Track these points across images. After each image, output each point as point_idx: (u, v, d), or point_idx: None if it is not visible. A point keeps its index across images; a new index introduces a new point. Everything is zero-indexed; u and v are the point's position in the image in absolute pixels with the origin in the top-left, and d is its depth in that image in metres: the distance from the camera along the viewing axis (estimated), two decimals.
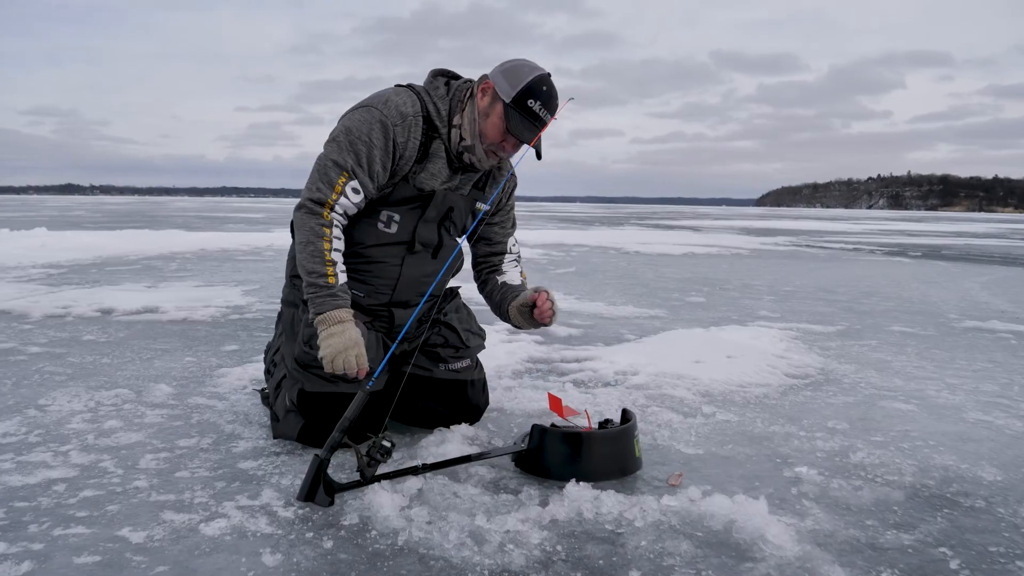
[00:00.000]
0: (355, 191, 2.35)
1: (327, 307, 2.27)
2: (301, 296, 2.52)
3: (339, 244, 2.35)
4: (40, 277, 7.03)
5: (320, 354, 2.25)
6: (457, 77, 2.54)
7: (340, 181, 2.33)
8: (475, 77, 2.51)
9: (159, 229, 15.84)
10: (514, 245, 2.83)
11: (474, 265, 2.86)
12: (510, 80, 2.36)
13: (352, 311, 2.31)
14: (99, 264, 8.43)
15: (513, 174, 2.73)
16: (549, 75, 2.41)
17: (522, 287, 2.74)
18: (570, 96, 2.45)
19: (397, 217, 2.47)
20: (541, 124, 2.38)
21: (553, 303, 2.58)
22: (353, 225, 2.47)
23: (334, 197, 2.33)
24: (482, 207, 2.64)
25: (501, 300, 2.73)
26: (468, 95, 2.46)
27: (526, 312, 2.63)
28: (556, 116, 2.40)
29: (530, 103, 2.34)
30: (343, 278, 2.33)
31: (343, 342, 2.24)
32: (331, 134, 2.40)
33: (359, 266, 2.51)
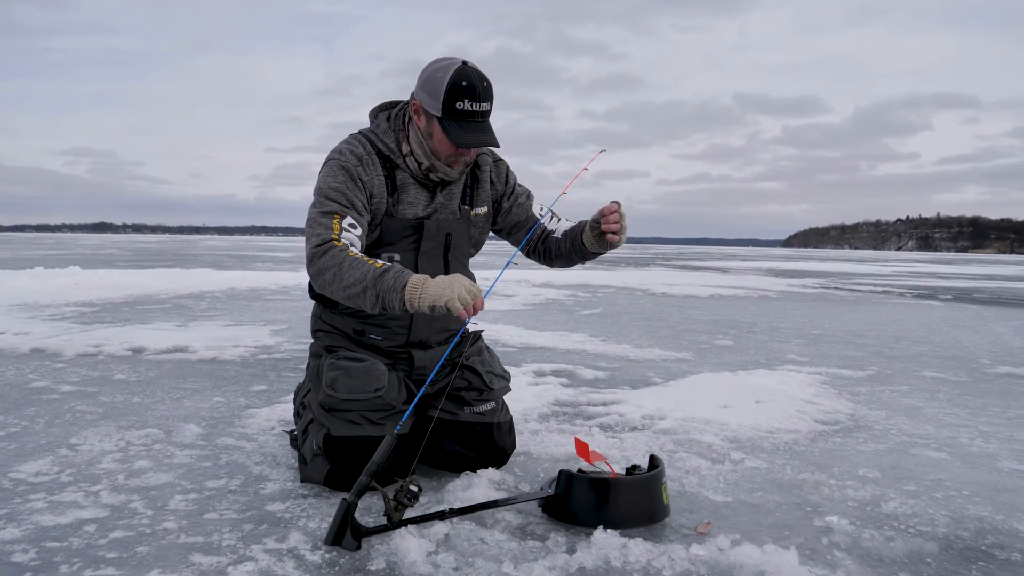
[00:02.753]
0: (352, 226, 2.34)
1: (402, 279, 2.12)
2: (324, 346, 2.59)
3: (360, 255, 2.28)
4: (73, 315, 7.16)
5: (438, 302, 2.08)
6: (395, 104, 2.57)
7: (335, 222, 2.32)
8: (409, 96, 2.49)
9: (189, 268, 16.08)
10: (541, 209, 2.78)
11: (530, 254, 2.82)
12: (430, 92, 2.33)
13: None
14: (130, 303, 8.57)
15: (496, 162, 2.71)
16: (464, 63, 2.33)
17: (581, 223, 2.67)
18: (602, 148, 2.49)
19: (396, 256, 2.49)
20: (480, 116, 2.33)
21: (622, 215, 2.50)
22: None
23: (334, 235, 2.29)
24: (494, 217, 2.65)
25: (572, 241, 2.67)
26: (407, 120, 2.47)
27: (597, 229, 2.56)
28: (491, 101, 2.34)
29: (459, 105, 2.29)
30: (387, 261, 2.34)
31: (441, 282, 2.10)
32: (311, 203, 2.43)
33: (368, 316, 2.54)
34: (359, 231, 2.35)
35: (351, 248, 2.27)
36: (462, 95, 2.29)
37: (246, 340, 5.74)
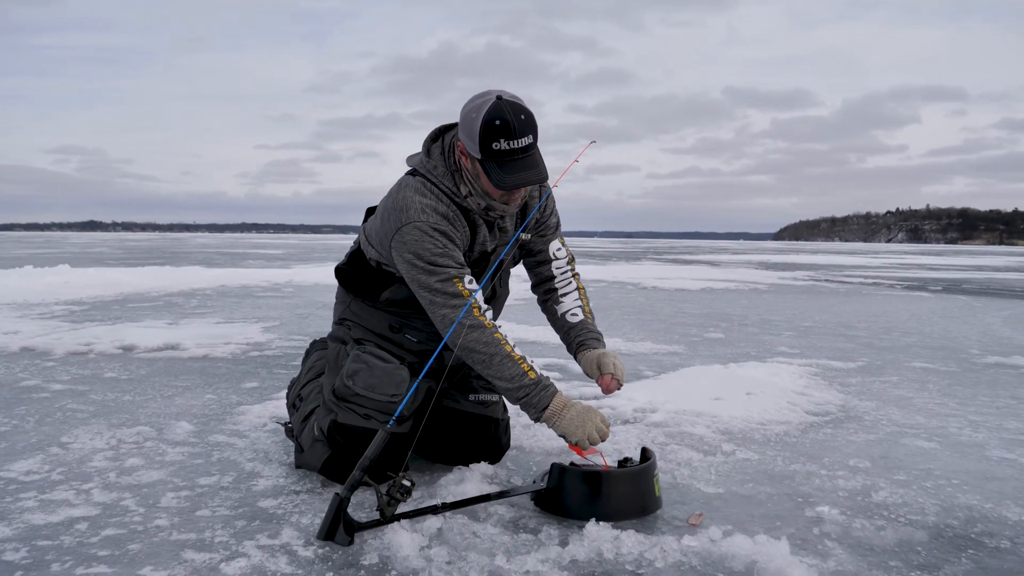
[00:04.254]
0: (471, 282, 2.34)
1: (545, 400, 2.27)
2: (353, 336, 2.59)
3: (511, 337, 2.34)
4: (63, 314, 7.12)
5: (570, 438, 2.25)
6: (447, 129, 2.48)
7: (459, 287, 2.30)
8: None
9: (180, 265, 16.02)
10: (559, 250, 2.69)
11: (533, 288, 2.79)
12: (468, 134, 2.27)
13: (567, 397, 2.30)
14: (121, 301, 8.53)
15: (549, 195, 2.65)
16: (498, 98, 2.23)
17: (584, 326, 2.61)
18: (592, 139, 2.47)
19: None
20: (521, 152, 2.23)
21: (621, 383, 2.46)
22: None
23: (468, 295, 2.29)
24: (524, 237, 2.57)
25: (569, 344, 2.64)
26: (458, 159, 2.40)
27: (594, 373, 2.52)
28: (533, 133, 2.24)
29: (496, 146, 2.21)
30: (537, 366, 2.33)
31: (577, 416, 2.24)
32: (405, 261, 2.35)
33: (413, 315, 2.54)
34: (475, 283, 2.37)
35: (497, 325, 2.32)
36: (497, 135, 2.19)
37: (237, 337, 5.73)
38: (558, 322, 2.68)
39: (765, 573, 1.86)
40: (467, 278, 2.34)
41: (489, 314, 2.34)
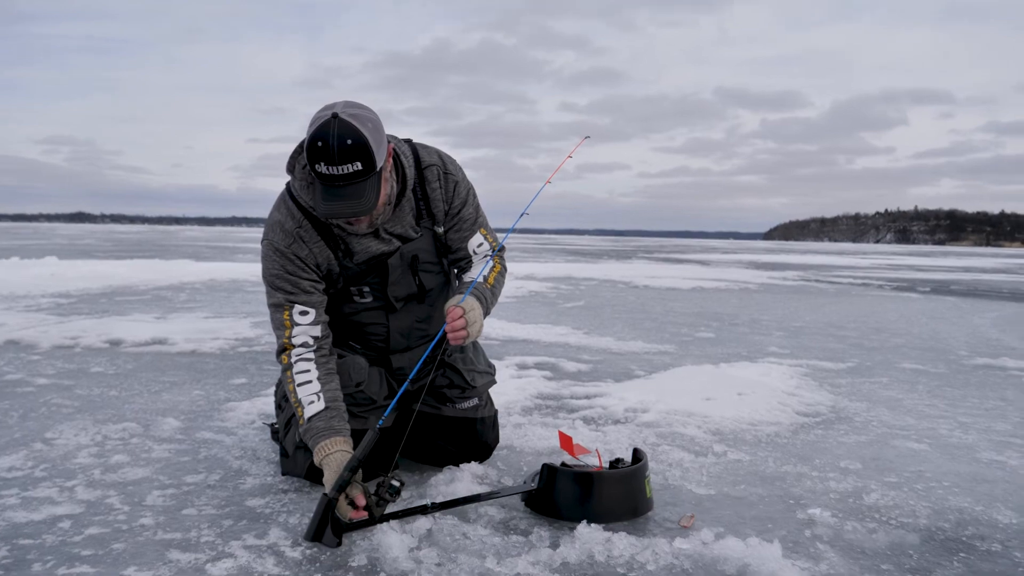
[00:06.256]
0: (303, 313, 2.31)
1: (310, 446, 2.22)
2: None
3: (305, 375, 2.28)
4: (49, 307, 7.06)
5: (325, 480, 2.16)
6: None
7: (285, 316, 2.31)
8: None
9: (169, 259, 15.92)
10: (480, 245, 2.51)
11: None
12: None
13: (336, 437, 2.19)
14: (109, 294, 8.47)
15: (456, 184, 2.46)
16: (333, 115, 1.99)
17: (469, 281, 2.42)
18: (586, 135, 2.44)
19: (366, 289, 2.44)
20: (344, 180, 2.02)
21: (469, 323, 2.23)
22: (335, 300, 2.46)
23: (287, 334, 2.31)
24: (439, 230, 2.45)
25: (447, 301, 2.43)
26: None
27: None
28: (362, 159, 2.00)
29: (318, 168, 2.02)
30: (312, 408, 2.24)
31: (328, 471, 2.12)
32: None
33: (351, 329, 2.53)
34: (311, 316, 2.32)
35: (294, 365, 2.29)
36: (318, 157, 2.00)
37: (226, 332, 5.68)
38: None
39: None
40: (298, 309, 2.30)
41: (299, 353, 2.29)
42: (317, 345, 2.32)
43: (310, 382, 2.27)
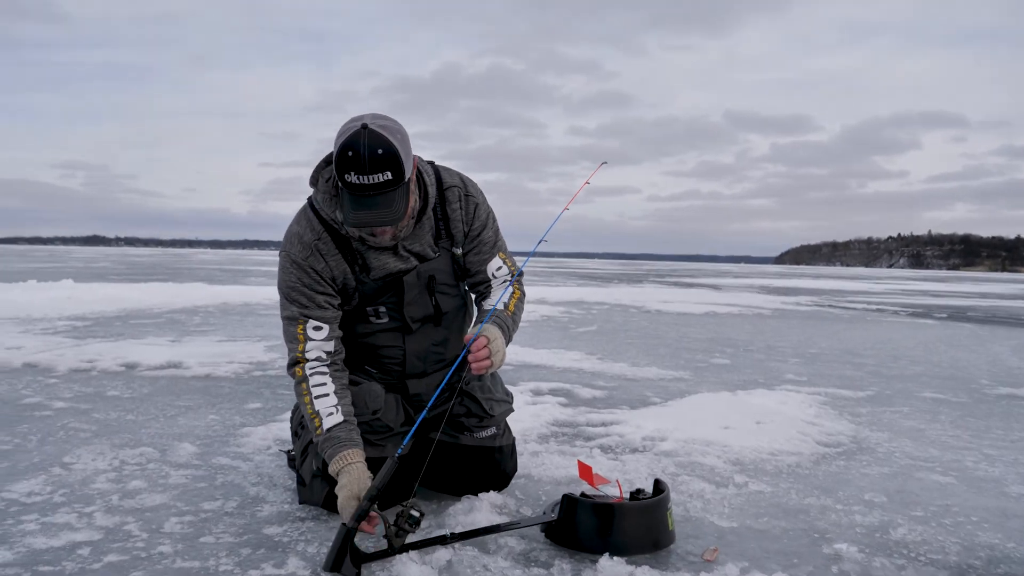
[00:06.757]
0: (316, 329, 2.32)
1: (327, 455, 2.23)
2: None
3: (322, 388, 2.29)
4: (66, 330, 7.09)
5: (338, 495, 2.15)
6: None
7: (299, 330, 2.32)
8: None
9: (183, 282, 16.00)
10: (499, 269, 2.53)
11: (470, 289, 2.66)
12: (333, 160, 2.11)
13: (356, 449, 2.22)
14: (123, 317, 8.50)
15: (477, 206, 2.47)
16: (363, 126, 2.03)
17: (490, 311, 2.42)
18: (603, 161, 2.43)
19: (383, 309, 2.43)
20: (373, 190, 2.05)
21: (492, 353, 2.23)
22: (350, 320, 2.45)
23: (300, 348, 2.31)
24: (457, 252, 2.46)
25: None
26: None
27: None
28: (392, 169, 2.03)
29: (347, 178, 2.05)
30: (331, 420, 2.25)
31: (343, 496, 2.11)
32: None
33: (365, 352, 2.51)
34: (324, 332, 2.33)
35: (309, 378, 2.30)
36: (348, 166, 2.02)
37: (240, 356, 5.69)
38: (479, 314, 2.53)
39: None
40: (312, 324, 2.31)
41: (312, 367, 2.29)
42: (331, 360, 2.34)
43: (327, 395, 2.29)
